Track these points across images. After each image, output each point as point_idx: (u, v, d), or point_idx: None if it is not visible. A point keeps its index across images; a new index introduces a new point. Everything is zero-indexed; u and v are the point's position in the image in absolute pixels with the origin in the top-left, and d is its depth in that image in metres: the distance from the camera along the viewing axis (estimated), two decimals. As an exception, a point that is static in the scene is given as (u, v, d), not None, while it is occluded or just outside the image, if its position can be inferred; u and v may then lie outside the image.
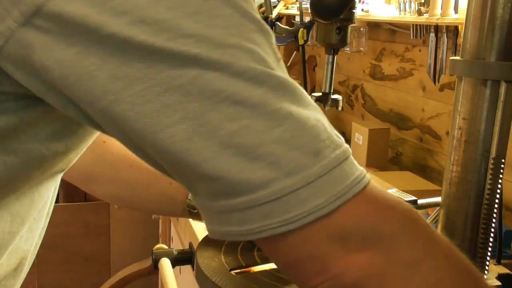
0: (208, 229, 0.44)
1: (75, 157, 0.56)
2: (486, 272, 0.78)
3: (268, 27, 0.43)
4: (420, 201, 0.90)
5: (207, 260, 0.79)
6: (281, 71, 0.42)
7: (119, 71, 0.38)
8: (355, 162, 0.43)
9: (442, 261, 0.44)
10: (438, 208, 0.86)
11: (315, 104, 0.43)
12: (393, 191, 0.90)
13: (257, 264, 0.79)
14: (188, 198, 0.90)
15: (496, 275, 0.79)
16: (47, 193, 0.58)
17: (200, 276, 0.77)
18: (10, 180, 0.50)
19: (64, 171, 0.58)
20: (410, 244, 0.43)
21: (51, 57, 0.39)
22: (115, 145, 0.83)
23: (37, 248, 0.63)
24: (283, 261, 0.44)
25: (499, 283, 0.77)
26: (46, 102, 0.43)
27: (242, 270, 0.77)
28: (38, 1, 0.38)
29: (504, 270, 0.81)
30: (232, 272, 0.76)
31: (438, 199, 0.88)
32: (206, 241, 0.84)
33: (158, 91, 0.38)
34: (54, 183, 0.58)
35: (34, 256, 0.62)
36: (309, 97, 0.43)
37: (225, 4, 0.40)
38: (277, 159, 0.39)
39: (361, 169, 0.42)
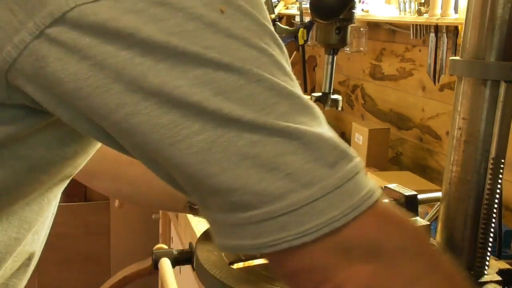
0: (218, 243, 0.43)
1: (83, 162, 0.56)
2: (485, 271, 0.78)
3: (281, 41, 0.43)
4: (420, 196, 0.90)
5: (207, 253, 0.79)
6: (297, 86, 0.43)
7: (135, 84, 0.38)
8: (367, 175, 0.43)
9: (442, 280, 0.44)
10: (438, 203, 0.87)
11: (325, 121, 0.44)
12: (393, 186, 0.91)
13: (256, 258, 0.79)
14: None
15: (497, 270, 0.79)
16: (55, 199, 0.58)
17: (200, 270, 0.78)
18: (19, 185, 0.50)
19: (72, 177, 0.58)
20: (412, 260, 0.43)
21: (65, 70, 0.38)
22: None
23: (42, 247, 0.63)
24: (286, 271, 0.44)
25: (499, 278, 0.77)
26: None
27: (242, 263, 0.78)
28: (55, 14, 0.38)
29: (504, 265, 0.81)
30: (232, 265, 0.76)
31: (438, 194, 0.88)
32: (206, 235, 0.84)
33: (175, 103, 0.38)
34: (61, 188, 0.58)
35: (38, 256, 0.62)
36: (320, 114, 0.44)
37: (244, 15, 0.40)
38: (294, 170, 0.39)
39: (372, 182, 0.43)
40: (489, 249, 0.79)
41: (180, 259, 0.89)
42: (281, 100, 0.40)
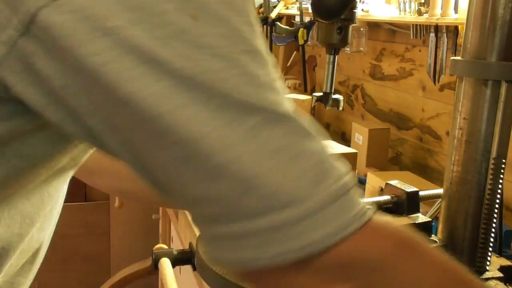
0: (202, 250, 0.43)
1: (82, 154, 0.55)
2: (487, 268, 0.78)
3: (263, 45, 0.41)
4: (421, 193, 0.90)
5: None
6: (275, 93, 0.41)
7: (112, 84, 0.38)
8: (359, 194, 0.42)
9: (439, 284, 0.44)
10: (439, 200, 0.87)
11: (318, 133, 0.42)
12: (394, 183, 0.91)
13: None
14: None
15: (498, 266, 0.79)
16: (57, 193, 0.58)
17: (201, 266, 0.77)
18: (17, 179, 0.49)
19: (75, 169, 0.57)
20: (401, 276, 0.42)
21: (52, 67, 0.38)
22: None
23: (47, 245, 0.63)
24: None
25: (501, 274, 0.77)
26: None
27: None
28: (31, 11, 0.37)
29: (506, 262, 0.82)
30: None
31: (439, 190, 0.88)
32: None
33: (152, 114, 0.38)
34: (64, 182, 0.58)
35: (44, 253, 0.62)
36: (311, 125, 0.42)
37: (218, 20, 0.39)
38: (276, 189, 0.38)
39: (364, 202, 0.42)
40: (490, 249, 0.79)
41: (180, 259, 0.89)
42: (247, 115, 0.39)
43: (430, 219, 0.86)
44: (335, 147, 0.86)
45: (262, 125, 0.39)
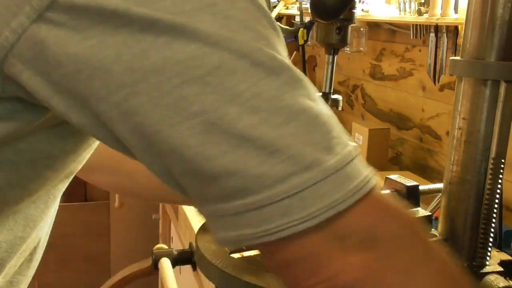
0: (218, 238, 0.42)
1: (86, 156, 0.55)
2: (487, 263, 0.78)
3: (277, 24, 0.43)
4: (421, 187, 0.90)
5: (207, 243, 0.79)
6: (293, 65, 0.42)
7: (135, 62, 0.37)
8: (364, 161, 0.42)
9: (438, 269, 0.44)
10: (439, 195, 0.87)
11: (322, 99, 0.43)
12: (394, 177, 0.91)
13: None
14: None
15: (498, 261, 0.80)
16: (59, 195, 0.58)
17: (201, 259, 0.78)
18: (20, 182, 0.49)
19: (75, 172, 0.57)
20: (407, 250, 0.42)
21: (65, 52, 0.38)
22: None
23: (46, 242, 0.63)
24: (280, 261, 0.42)
25: (501, 268, 0.78)
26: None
27: (242, 253, 0.77)
28: None
29: (506, 256, 0.82)
30: (232, 255, 0.76)
31: (440, 185, 0.88)
32: (207, 225, 0.84)
33: (176, 83, 0.38)
34: (65, 185, 0.58)
35: (43, 250, 0.62)
36: (316, 91, 0.43)
37: None
38: (295, 153, 0.38)
39: (369, 169, 0.42)
40: (489, 249, 0.79)
41: (180, 259, 0.89)
42: (284, 74, 0.40)
43: (430, 213, 0.86)
44: None
45: (287, 84, 0.40)
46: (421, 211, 0.86)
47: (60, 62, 0.38)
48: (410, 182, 0.88)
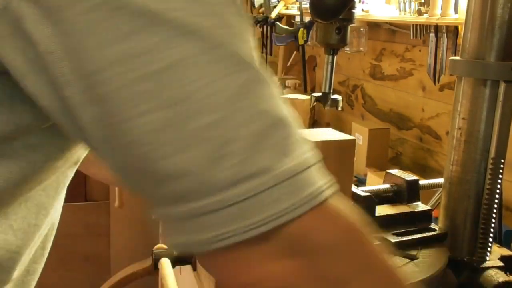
0: (169, 243, 0.40)
1: None
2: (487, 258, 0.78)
3: (245, 13, 0.41)
4: (422, 182, 0.90)
5: None
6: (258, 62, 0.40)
7: (105, 45, 0.36)
8: (322, 170, 0.41)
9: (377, 282, 0.42)
10: (440, 190, 0.87)
11: (285, 101, 0.41)
12: (395, 172, 0.91)
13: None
14: None
15: (499, 256, 0.80)
16: (68, 181, 0.58)
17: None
18: (36, 174, 0.49)
19: (82, 158, 0.57)
20: (346, 260, 0.41)
21: (41, 30, 0.37)
22: None
23: (55, 230, 0.63)
24: (217, 267, 0.41)
25: (501, 263, 0.78)
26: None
27: None
28: None
29: (506, 252, 0.82)
30: None
31: (440, 180, 0.88)
32: None
33: (135, 75, 0.36)
34: (74, 170, 0.58)
35: (52, 239, 0.62)
36: (279, 91, 0.41)
37: None
38: (249, 155, 0.37)
39: (327, 178, 0.41)
40: (489, 249, 0.79)
41: (180, 259, 0.89)
42: (249, 71, 0.38)
43: (430, 208, 0.86)
44: (333, 134, 0.86)
45: (248, 84, 0.38)
46: (421, 206, 0.87)
47: (36, 40, 0.37)
48: (410, 177, 0.88)
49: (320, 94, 1.18)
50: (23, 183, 0.49)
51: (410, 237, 0.80)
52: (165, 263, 0.88)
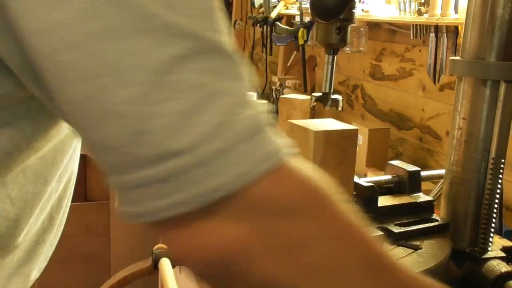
0: (121, 212, 0.40)
1: None
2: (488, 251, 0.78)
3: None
4: (423, 173, 0.90)
5: None
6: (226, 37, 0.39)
7: (38, 15, 0.36)
8: (280, 134, 0.40)
9: (346, 249, 0.41)
10: (441, 181, 0.87)
11: (244, 74, 0.40)
12: (396, 162, 0.91)
13: None
14: None
15: (500, 247, 0.80)
16: (72, 150, 0.58)
17: None
18: (28, 142, 0.49)
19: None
20: (302, 226, 0.39)
21: (24, 11, 0.37)
22: None
23: (68, 200, 0.62)
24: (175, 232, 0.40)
25: (503, 254, 0.78)
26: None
27: None
28: None
29: (508, 243, 0.82)
30: None
31: (441, 171, 0.88)
32: None
33: (63, 44, 0.36)
34: (75, 138, 0.57)
35: (61, 210, 0.62)
36: (241, 67, 0.40)
37: None
38: (180, 127, 0.36)
39: (286, 140, 0.40)
40: (489, 249, 0.79)
41: (180, 259, 0.89)
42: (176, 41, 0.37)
43: (432, 199, 0.86)
44: (335, 124, 0.85)
45: (192, 55, 0.37)
46: (423, 196, 0.87)
47: (10, 15, 0.37)
48: (412, 167, 0.89)
49: (320, 94, 1.18)
50: (16, 152, 0.49)
51: (413, 228, 0.79)
52: (165, 263, 0.88)
